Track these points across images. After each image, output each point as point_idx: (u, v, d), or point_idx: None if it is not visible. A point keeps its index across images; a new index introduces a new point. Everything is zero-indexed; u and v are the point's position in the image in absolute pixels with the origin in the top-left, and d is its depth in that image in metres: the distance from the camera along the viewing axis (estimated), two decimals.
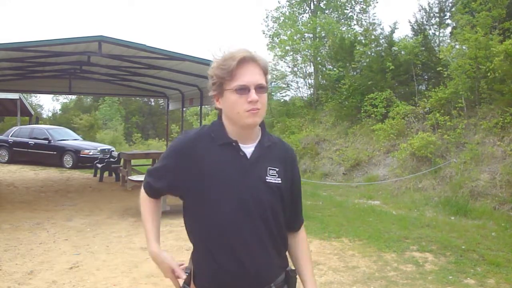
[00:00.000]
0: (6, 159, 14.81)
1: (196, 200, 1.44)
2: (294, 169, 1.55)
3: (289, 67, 16.75)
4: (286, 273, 1.52)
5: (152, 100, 33.53)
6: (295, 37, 16.22)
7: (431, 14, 12.46)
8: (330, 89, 13.61)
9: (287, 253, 1.58)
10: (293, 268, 1.57)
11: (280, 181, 1.46)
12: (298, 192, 1.60)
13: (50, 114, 36.25)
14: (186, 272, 1.48)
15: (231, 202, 1.39)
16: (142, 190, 1.60)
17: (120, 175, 10.53)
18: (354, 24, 18.77)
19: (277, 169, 1.46)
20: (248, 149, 1.44)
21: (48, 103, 70.57)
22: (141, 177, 8.23)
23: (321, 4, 19.34)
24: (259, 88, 1.37)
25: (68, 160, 13.88)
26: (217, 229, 1.41)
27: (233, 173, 1.40)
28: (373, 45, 12.59)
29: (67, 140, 14.83)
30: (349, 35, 14.72)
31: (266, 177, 1.43)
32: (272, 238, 1.45)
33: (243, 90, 1.35)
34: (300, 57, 16.29)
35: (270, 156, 1.47)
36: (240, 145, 1.43)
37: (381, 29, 15.93)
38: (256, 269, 1.41)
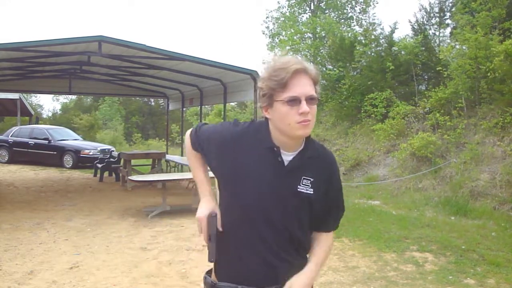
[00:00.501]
0: (6, 159, 14.80)
1: (225, 190, 1.49)
2: (332, 180, 1.53)
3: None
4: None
5: (152, 100, 33.53)
6: (295, 37, 16.23)
7: (431, 14, 12.48)
8: (330, 89, 13.61)
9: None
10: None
11: (311, 192, 1.45)
12: (334, 202, 1.57)
13: (50, 114, 36.24)
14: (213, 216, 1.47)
15: (253, 205, 1.42)
16: (188, 138, 1.63)
17: (120, 175, 10.53)
18: (354, 25, 18.80)
19: (311, 179, 1.45)
20: (287, 156, 1.44)
21: (48, 103, 70.56)
22: (141, 177, 8.23)
23: (321, 4, 19.36)
24: (310, 100, 1.36)
25: (68, 160, 13.88)
26: (237, 223, 1.44)
27: (265, 178, 1.41)
28: (373, 45, 12.59)
29: (67, 140, 14.82)
30: (349, 35, 14.73)
31: (298, 186, 1.44)
32: (292, 242, 1.47)
33: (295, 101, 1.34)
34: (300, 57, 16.28)
35: (308, 166, 1.46)
36: (282, 151, 1.43)
37: (381, 29, 15.99)
38: (272, 268, 1.44)
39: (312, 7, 19.21)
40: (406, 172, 9.12)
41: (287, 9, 19.36)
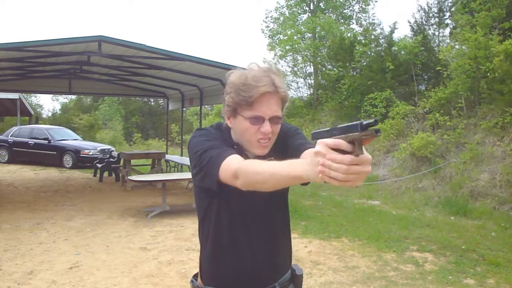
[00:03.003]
0: (6, 159, 14.79)
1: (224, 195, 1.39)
2: (288, 137, 1.45)
3: (289, 67, 16.76)
4: (292, 271, 1.54)
5: (152, 100, 33.50)
6: (295, 37, 16.23)
7: (431, 14, 12.48)
8: (330, 89, 13.62)
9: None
10: (299, 267, 1.58)
11: None
12: (299, 140, 1.44)
13: (50, 114, 36.21)
14: None
15: (245, 205, 1.40)
16: (228, 165, 1.23)
17: (120, 175, 10.53)
18: (353, 23, 18.83)
19: (272, 158, 1.38)
20: (251, 154, 1.42)
21: (48, 103, 70.59)
22: (141, 177, 8.22)
23: (321, 4, 19.36)
24: (274, 119, 1.33)
25: (68, 160, 13.87)
26: (226, 225, 1.43)
27: None
28: (373, 45, 12.60)
29: (67, 140, 14.82)
30: (349, 35, 14.74)
31: None
32: (276, 234, 1.48)
33: (258, 120, 1.31)
34: (300, 57, 16.30)
35: (271, 150, 1.40)
36: (245, 151, 1.41)
37: (380, 29, 15.95)
38: (259, 266, 1.44)
39: (311, 7, 19.21)
40: (406, 172, 9.12)
41: (287, 9, 19.36)
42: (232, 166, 1.21)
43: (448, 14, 12.26)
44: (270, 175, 1.10)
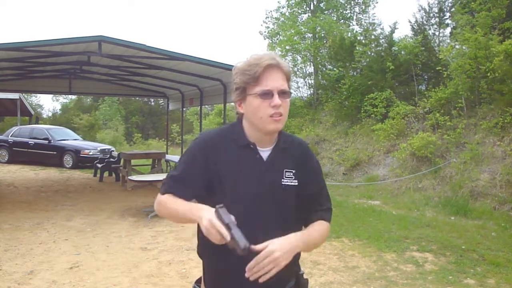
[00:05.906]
0: (6, 159, 14.79)
1: (212, 198, 1.41)
2: (311, 165, 1.54)
3: (289, 67, 16.77)
4: (297, 278, 1.51)
5: (152, 100, 33.52)
6: (295, 38, 16.22)
7: (431, 14, 12.47)
8: (330, 89, 13.61)
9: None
10: (303, 272, 1.56)
11: (297, 183, 1.46)
12: (319, 186, 1.56)
13: (50, 114, 36.23)
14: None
15: (243, 204, 1.39)
16: (160, 197, 1.48)
17: (120, 175, 10.53)
18: (353, 25, 18.81)
19: (293, 171, 1.46)
20: (265, 152, 1.44)
21: (48, 103, 70.58)
22: (141, 177, 8.22)
23: (321, 4, 19.34)
24: (282, 93, 1.38)
25: (68, 160, 13.87)
26: None
27: (248, 175, 1.40)
28: (373, 45, 12.59)
29: (67, 140, 14.82)
30: (349, 35, 14.72)
31: (282, 180, 1.44)
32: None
33: (267, 95, 1.36)
34: (300, 57, 16.29)
35: (286, 158, 1.46)
36: (258, 148, 1.44)
37: (381, 29, 15.91)
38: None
39: (312, 7, 19.19)
40: (406, 172, 9.12)
41: (287, 9, 19.34)
42: (158, 199, 1.48)
43: (448, 14, 12.26)
44: (175, 211, 1.41)
